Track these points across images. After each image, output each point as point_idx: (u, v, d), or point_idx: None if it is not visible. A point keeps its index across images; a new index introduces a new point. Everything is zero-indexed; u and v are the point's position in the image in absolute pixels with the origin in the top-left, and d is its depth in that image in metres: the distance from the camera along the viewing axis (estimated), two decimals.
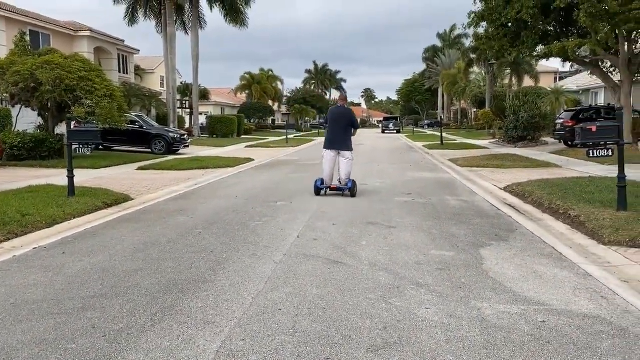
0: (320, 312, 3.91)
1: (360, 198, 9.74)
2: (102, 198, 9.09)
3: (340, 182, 10.00)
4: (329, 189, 10.01)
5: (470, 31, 22.02)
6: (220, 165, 16.44)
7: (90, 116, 15.70)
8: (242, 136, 40.65)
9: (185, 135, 23.29)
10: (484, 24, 20.00)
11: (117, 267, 5.20)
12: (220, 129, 36.63)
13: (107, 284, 4.67)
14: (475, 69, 54.34)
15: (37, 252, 5.89)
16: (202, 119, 44.00)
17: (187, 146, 23.25)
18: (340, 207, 8.76)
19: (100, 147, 20.75)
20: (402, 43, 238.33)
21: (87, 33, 28.58)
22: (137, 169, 15.42)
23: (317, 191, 10.02)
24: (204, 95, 44.25)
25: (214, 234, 6.72)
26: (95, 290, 4.50)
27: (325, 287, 4.49)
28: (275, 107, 71.40)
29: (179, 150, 22.13)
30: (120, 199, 9.39)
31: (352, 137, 10.26)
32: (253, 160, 19.35)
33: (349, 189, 9.79)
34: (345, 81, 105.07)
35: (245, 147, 28.08)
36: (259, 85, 61.79)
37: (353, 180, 9.92)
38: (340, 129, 10.01)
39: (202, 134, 37.30)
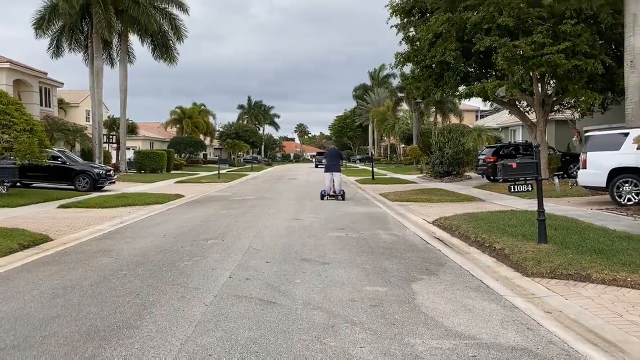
0: (253, 357, 3.76)
1: (294, 234, 9.69)
2: (17, 239, 8.49)
3: (335, 192, 17.17)
4: (329, 196, 17.16)
5: (398, 71, 22.95)
6: (148, 202, 15.89)
7: (7, 152, 14.78)
8: (172, 171, 39.66)
9: (112, 171, 22.39)
10: (410, 64, 20.85)
11: (32, 315, 4.81)
12: (148, 164, 35.60)
13: (20, 334, 4.30)
14: (404, 106, 56.40)
15: None
16: (130, 154, 42.63)
17: (113, 182, 22.32)
18: (274, 243, 8.66)
19: (18, 184, 19.54)
20: (335, 80, 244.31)
21: (6, 65, 27.25)
22: (59, 207, 14.59)
23: (322, 197, 17.24)
24: (132, 129, 42.93)
25: (140, 275, 6.41)
26: (6, 342, 4.12)
27: (258, 330, 4.35)
28: (207, 142, 70.56)
29: (104, 186, 21.21)
30: (38, 240, 8.81)
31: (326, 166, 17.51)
32: (183, 196, 18.88)
33: (341, 195, 17.17)
34: (278, 116, 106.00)
35: (175, 182, 27.37)
36: (190, 120, 61.05)
37: (343, 190, 17.61)
38: (334, 160, 17.43)
39: (129, 169, 36.07)
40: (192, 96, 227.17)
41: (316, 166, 59.32)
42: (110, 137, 40.56)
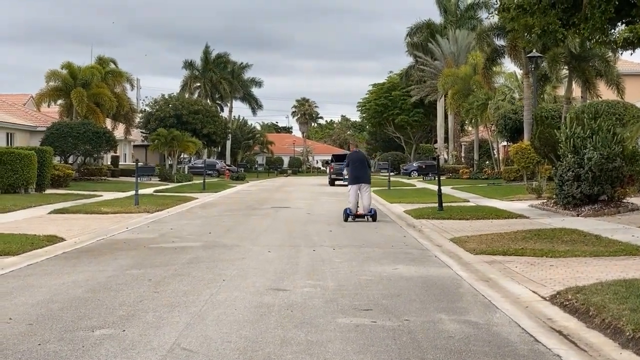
0: None
1: (268, 319, 9.59)
2: None
3: (363, 209, 22.84)
4: (354, 216, 22.69)
5: None
6: None
7: None
8: (49, 190, 39.73)
9: None
10: None
11: None
12: (0, 175, 35.63)
13: None
14: (506, 65, 56.25)
15: None
16: None
17: None
18: (225, 338, 8.56)
19: None
20: (369, 15, 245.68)
21: None
22: None
23: (346, 218, 22.96)
24: None
25: None
26: None
27: None
28: (121, 133, 70.96)
29: None
30: None
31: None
32: (62, 239, 18.85)
33: (372, 216, 23.02)
34: (260, 84, 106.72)
35: (51, 212, 27.31)
36: (87, 90, 61.31)
37: (374, 209, 23.22)
38: (362, 168, 23.44)
39: None
40: (95, 45, 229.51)
41: (333, 182, 59.26)
42: None
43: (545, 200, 29.25)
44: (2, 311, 10.18)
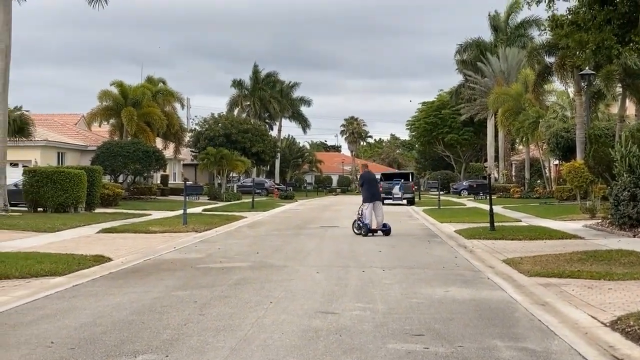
0: None
1: (316, 346, 9.45)
2: None
3: (377, 225, 26.34)
4: (371, 232, 26.00)
5: (545, 8, 22.41)
6: (34, 272, 15.85)
7: None
8: (98, 209, 39.94)
9: None
10: None
11: None
12: (50, 195, 35.92)
13: None
14: (556, 84, 55.74)
15: None
16: (17, 175, 43.01)
17: None
18: None
19: None
20: (418, 34, 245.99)
21: None
22: None
23: (367, 232, 26.05)
24: (22, 127, 43.64)
25: None
26: None
27: None
28: (171, 152, 71.36)
29: None
30: None
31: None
32: (108, 259, 18.87)
33: (387, 230, 26.37)
34: (308, 103, 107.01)
35: (99, 231, 27.41)
36: (138, 110, 61.73)
37: (387, 223, 26.74)
38: (376, 187, 27.98)
39: (12, 204, 36.38)
40: (145, 65, 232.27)
41: (382, 201, 59.28)
42: None
43: (599, 220, 28.96)
44: (44, 334, 10.15)
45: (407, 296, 13.31)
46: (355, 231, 26.97)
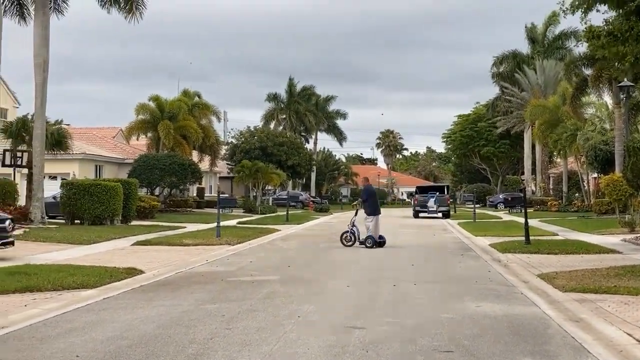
0: None
1: (342, 358, 9.27)
2: None
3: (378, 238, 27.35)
4: (375, 243, 26.87)
5: (580, 20, 22.18)
6: (66, 284, 15.89)
7: None
8: (134, 222, 40.05)
9: (8, 222, 22.66)
10: (603, 6, 20.23)
11: None
12: (87, 207, 36.03)
13: None
14: (593, 96, 55.24)
15: None
16: (54, 188, 43.13)
17: (12, 243, 22.57)
18: None
19: None
20: (450, 49, 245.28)
21: None
22: None
23: (374, 244, 26.78)
24: (60, 140, 43.81)
25: None
26: None
27: None
28: (207, 165, 71.58)
29: None
30: None
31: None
32: (141, 272, 18.89)
33: (383, 243, 27.37)
34: (344, 116, 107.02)
35: (134, 244, 27.49)
36: (174, 123, 62.02)
37: (383, 236, 27.70)
38: (378, 201, 29.26)
39: (50, 216, 36.56)
40: (180, 78, 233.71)
41: (417, 214, 59.38)
42: (16, 154, 41.39)
43: (639, 235, 28.49)
44: (70, 348, 10.15)
45: (438, 311, 13.23)
46: (345, 243, 27.78)
